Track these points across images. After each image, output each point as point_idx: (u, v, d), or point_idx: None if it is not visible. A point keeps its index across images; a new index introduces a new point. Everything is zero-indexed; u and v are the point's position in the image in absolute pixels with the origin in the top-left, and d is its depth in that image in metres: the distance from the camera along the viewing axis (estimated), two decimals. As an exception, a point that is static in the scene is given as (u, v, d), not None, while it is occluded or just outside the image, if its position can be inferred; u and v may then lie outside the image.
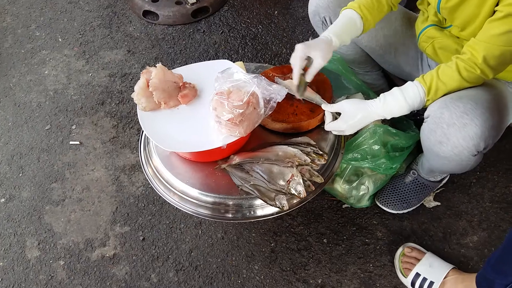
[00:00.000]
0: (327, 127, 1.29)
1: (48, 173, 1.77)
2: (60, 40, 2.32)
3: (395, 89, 1.20)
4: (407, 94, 1.17)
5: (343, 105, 1.24)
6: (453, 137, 1.12)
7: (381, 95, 1.22)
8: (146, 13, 2.37)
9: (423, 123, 1.21)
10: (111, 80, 2.10)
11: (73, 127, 1.92)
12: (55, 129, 1.92)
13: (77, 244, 1.57)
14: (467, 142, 1.10)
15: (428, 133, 1.18)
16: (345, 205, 1.61)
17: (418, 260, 1.39)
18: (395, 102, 1.18)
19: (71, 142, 1.86)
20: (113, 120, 1.94)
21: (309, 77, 1.26)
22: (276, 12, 2.40)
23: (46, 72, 2.16)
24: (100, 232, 1.59)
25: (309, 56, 1.23)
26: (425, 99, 1.17)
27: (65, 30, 2.37)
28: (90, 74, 2.13)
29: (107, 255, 1.54)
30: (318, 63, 1.23)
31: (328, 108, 1.29)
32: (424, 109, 1.22)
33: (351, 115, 1.23)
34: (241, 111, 1.12)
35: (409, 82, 1.19)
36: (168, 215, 1.62)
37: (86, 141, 1.87)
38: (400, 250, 1.44)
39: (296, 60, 1.24)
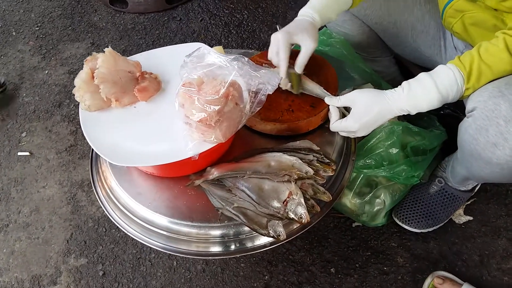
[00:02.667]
0: (333, 127, 1.00)
1: (-10, 192, 1.46)
2: (14, 33, 2.01)
3: (422, 74, 0.93)
4: (439, 81, 0.90)
5: (353, 98, 0.96)
6: None
7: (404, 83, 0.94)
8: (114, 0, 2.05)
9: (466, 119, 0.92)
10: (70, 77, 1.78)
11: (23, 134, 1.60)
12: (1, 138, 1.61)
13: (21, 282, 1.27)
14: None
15: (475, 132, 0.88)
16: (356, 224, 1.31)
17: (453, 294, 1.09)
18: (424, 91, 0.91)
19: (19, 153, 1.55)
20: (71, 125, 1.62)
21: (299, 68, 1.01)
22: (263, -5, 2.09)
23: (-5, 70, 1.85)
24: (50, 266, 1.29)
25: (291, 44, 1.00)
26: (463, 87, 0.89)
27: (20, 22, 2.06)
28: (46, 72, 1.81)
29: (58, 296, 1.23)
30: (308, 47, 0.98)
31: (334, 102, 1.00)
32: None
33: (365, 110, 0.94)
34: (217, 107, 0.81)
35: (440, 66, 0.92)
36: (135, 243, 1.30)
37: (38, 151, 1.55)
38: (428, 280, 1.16)
39: (281, 53, 0.98)
